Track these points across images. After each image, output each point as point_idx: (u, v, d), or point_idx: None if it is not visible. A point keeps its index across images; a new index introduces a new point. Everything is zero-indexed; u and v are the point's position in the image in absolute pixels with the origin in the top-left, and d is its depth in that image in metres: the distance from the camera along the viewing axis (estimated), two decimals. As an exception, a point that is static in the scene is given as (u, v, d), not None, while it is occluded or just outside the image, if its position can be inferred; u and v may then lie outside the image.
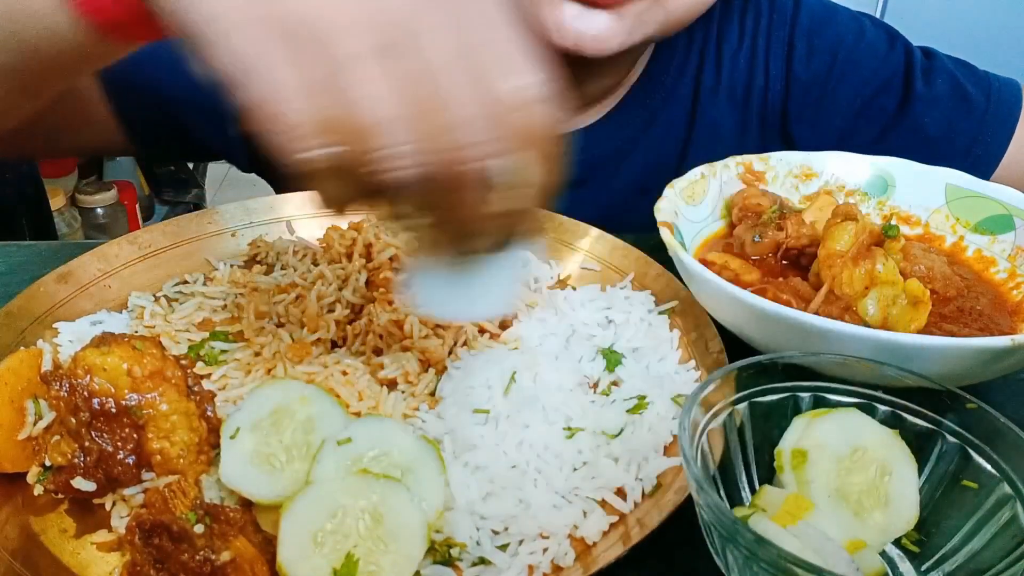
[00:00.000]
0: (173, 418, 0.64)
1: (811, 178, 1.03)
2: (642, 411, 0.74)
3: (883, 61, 1.20)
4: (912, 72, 1.19)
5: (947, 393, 0.61)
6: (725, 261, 0.91)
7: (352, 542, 0.57)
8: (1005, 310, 0.86)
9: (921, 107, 1.18)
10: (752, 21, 1.22)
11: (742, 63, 1.22)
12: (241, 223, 1.02)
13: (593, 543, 0.64)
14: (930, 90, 1.18)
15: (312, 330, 0.81)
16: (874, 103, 1.20)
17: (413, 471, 0.62)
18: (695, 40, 1.23)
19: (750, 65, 1.22)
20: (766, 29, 1.21)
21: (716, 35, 1.22)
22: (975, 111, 1.18)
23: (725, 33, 1.22)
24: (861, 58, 1.20)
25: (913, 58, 1.20)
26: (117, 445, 0.63)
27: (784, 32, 1.21)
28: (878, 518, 0.60)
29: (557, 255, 1.00)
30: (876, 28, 1.23)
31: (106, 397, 0.63)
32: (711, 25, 1.22)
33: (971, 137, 1.18)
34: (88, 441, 0.63)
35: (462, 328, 0.82)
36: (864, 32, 1.22)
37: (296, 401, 0.66)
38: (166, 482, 0.64)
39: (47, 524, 0.65)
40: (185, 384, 0.67)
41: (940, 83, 1.19)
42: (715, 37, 1.22)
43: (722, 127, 1.23)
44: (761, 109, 1.23)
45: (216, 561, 0.56)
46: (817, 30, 1.21)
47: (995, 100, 1.19)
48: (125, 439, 0.63)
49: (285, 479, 0.62)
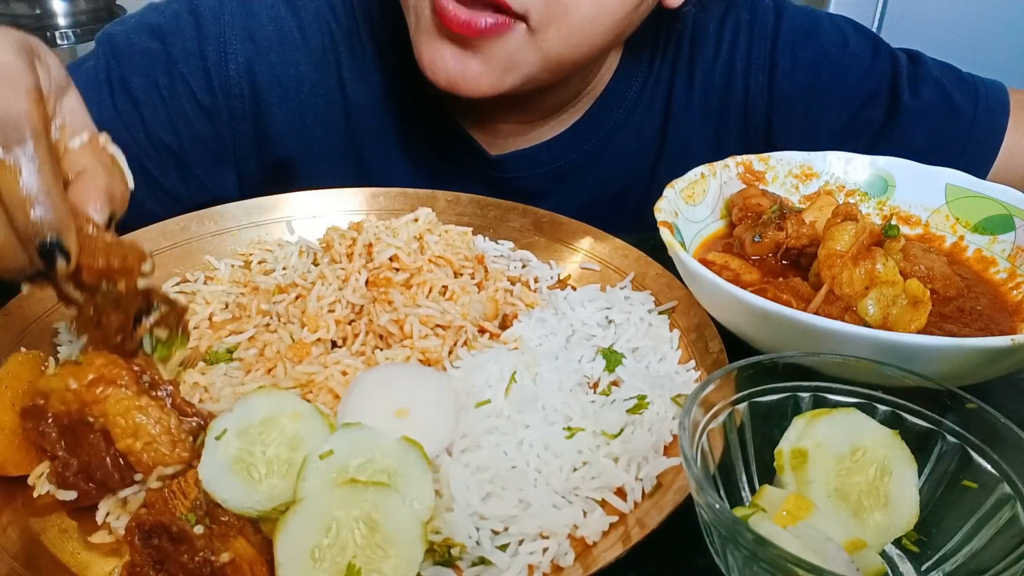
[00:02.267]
0: (134, 416, 0.65)
1: (811, 178, 1.03)
2: (642, 411, 0.74)
3: (868, 71, 1.20)
4: (898, 82, 1.19)
5: (947, 393, 0.61)
6: (725, 261, 0.91)
7: (351, 553, 0.57)
8: (1005, 310, 0.86)
9: (908, 118, 1.18)
10: (731, 33, 1.21)
11: (718, 77, 1.21)
12: (241, 223, 1.02)
13: (593, 543, 0.64)
14: (917, 100, 1.18)
15: (312, 330, 0.81)
16: (860, 115, 1.20)
17: (400, 473, 0.62)
18: (664, 55, 1.22)
19: (727, 79, 1.21)
20: (746, 42, 1.20)
21: (688, 50, 1.21)
22: (963, 119, 1.18)
23: (699, 48, 1.21)
24: (846, 70, 1.20)
25: (899, 67, 1.20)
26: (91, 453, 0.65)
27: (766, 46, 1.20)
28: (878, 518, 0.60)
29: (557, 255, 1.00)
30: (860, 37, 1.23)
31: (60, 414, 0.66)
32: (683, 40, 1.21)
33: (959, 146, 1.18)
34: (62, 453, 0.65)
35: (462, 328, 0.82)
36: (848, 42, 1.21)
37: (288, 415, 0.65)
38: (160, 474, 0.65)
39: (47, 525, 0.66)
40: (136, 382, 0.67)
41: (927, 92, 1.19)
42: (687, 52, 1.21)
43: (696, 141, 1.23)
44: (742, 121, 1.22)
45: (216, 562, 0.56)
46: (801, 43, 1.20)
47: (983, 107, 1.19)
48: (95, 446, 0.65)
49: (261, 492, 0.61)
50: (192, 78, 1.11)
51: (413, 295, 0.83)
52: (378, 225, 0.91)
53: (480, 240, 1.02)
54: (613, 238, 0.99)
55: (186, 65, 1.10)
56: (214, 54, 1.11)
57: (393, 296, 0.82)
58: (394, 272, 0.85)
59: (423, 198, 1.06)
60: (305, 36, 1.15)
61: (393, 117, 1.19)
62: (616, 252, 0.97)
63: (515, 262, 0.99)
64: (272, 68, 1.14)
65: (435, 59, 0.99)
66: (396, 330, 0.80)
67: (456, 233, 0.93)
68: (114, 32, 1.12)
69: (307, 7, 1.15)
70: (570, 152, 1.23)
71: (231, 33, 1.11)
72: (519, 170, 1.21)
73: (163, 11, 1.13)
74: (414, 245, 0.89)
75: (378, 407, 0.69)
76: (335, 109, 1.18)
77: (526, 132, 1.22)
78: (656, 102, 1.23)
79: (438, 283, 0.85)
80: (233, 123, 1.15)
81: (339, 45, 1.16)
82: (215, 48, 1.11)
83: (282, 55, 1.14)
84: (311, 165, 1.17)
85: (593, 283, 0.94)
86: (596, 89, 1.22)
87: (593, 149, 1.24)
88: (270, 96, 1.14)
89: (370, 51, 1.16)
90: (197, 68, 1.11)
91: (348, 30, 1.16)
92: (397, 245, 0.87)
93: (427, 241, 0.90)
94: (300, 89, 1.15)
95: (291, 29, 1.14)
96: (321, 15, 1.15)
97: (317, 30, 1.15)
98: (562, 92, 1.17)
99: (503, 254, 1.00)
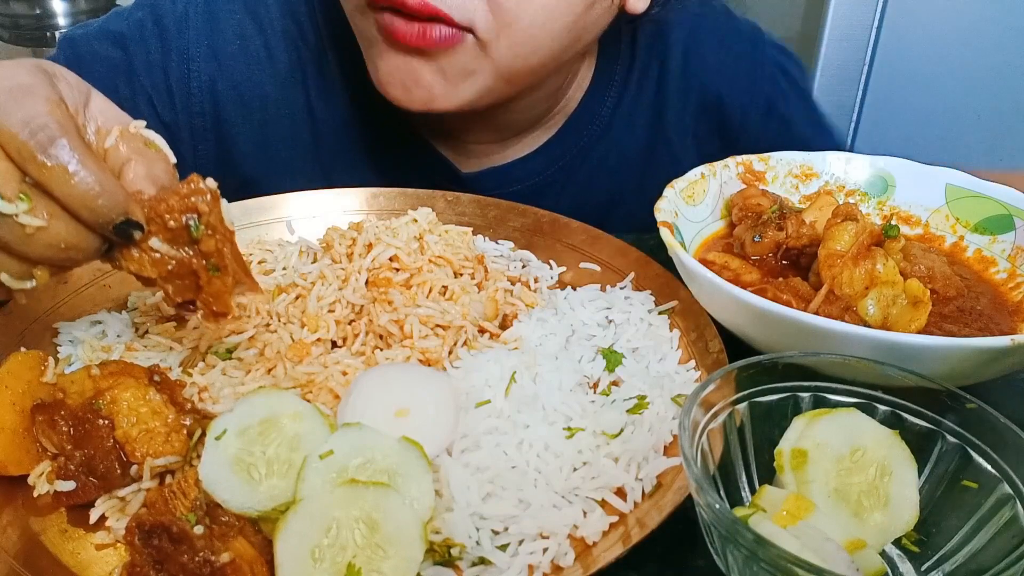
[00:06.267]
0: (138, 407, 0.67)
1: (811, 178, 1.03)
2: (642, 411, 0.74)
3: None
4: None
5: (947, 393, 0.61)
6: (725, 261, 0.91)
7: (351, 553, 0.57)
8: (1005, 310, 0.86)
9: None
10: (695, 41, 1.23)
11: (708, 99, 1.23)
12: (241, 223, 1.02)
13: (593, 543, 0.64)
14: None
15: (312, 330, 0.81)
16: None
17: (400, 473, 0.62)
18: (634, 66, 1.21)
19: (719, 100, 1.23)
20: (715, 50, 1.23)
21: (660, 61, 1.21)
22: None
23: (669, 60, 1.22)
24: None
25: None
26: (96, 444, 0.66)
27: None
28: (878, 518, 0.60)
29: (557, 255, 1.00)
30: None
31: (75, 407, 0.68)
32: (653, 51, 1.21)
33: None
34: (69, 447, 0.66)
35: (462, 328, 0.82)
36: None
37: (288, 415, 0.65)
38: (152, 466, 0.65)
39: (47, 525, 0.66)
40: (148, 378, 0.70)
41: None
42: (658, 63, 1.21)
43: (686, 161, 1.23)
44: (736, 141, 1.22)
45: (216, 562, 0.56)
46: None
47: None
48: (101, 436, 0.66)
49: (261, 492, 0.61)
50: (154, 92, 1.09)
51: (413, 295, 0.83)
52: (378, 225, 0.91)
53: (480, 240, 1.02)
54: (613, 238, 0.99)
55: (148, 78, 1.09)
56: (177, 70, 1.10)
57: (393, 296, 0.82)
58: (394, 272, 0.85)
59: (423, 198, 1.06)
60: (271, 55, 1.13)
61: (362, 136, 1.18)
62: (616, 252, 0.97)
63: (515, 262, 0.99)
64: (236, 87, 1.12)
65: (390, 72, 0.97)
66: (396, 330, 0.80)
67: (456, 233, 0.93)
68: (75, 36, 1.11)
69: (273, 25, 1.13)
70: (545, 167, 1.22)
71: (195, 49, 1.10)
72: (493, 186, 1.18)
73: (126, 18, 1.12)
74: (414, 245, 0.89)
75: (378, 407, 0.69)
76: (302, 129, 1.16)
77: (498, 151, 1.21)
78: (638, 115, 1.22)
79: (438, 283, 0.85)
80: (194, 141, 1.13)
81: (306, 64, 1.14)
82: (178, 64, 1.10)
83: (247, 74, 1.12)
84: (277, 185, 1.12)
85: (593, 283, 0.94)
86: (569, 107, 1.21)
87: (569, 164, 1.22)
88: (233, 115, 1.13)
89: (337, 70, 1.14)
90: (159, 83, 1.10)
91: (315, 49, 1.14)
92: (397, 245, 0.87)
93: (427, 241, 0.90)
94: (265, 109, 1.14)
95: (257, 48, 1.13)
96: (288, 33, 1.13)
97: (284, 49, 1.13)
98: (529, 109, 1.15)
99: (503, 254, 1.00)
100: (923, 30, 2.39)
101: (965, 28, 2.32)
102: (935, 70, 2.41)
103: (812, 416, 0.63)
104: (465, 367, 0.78)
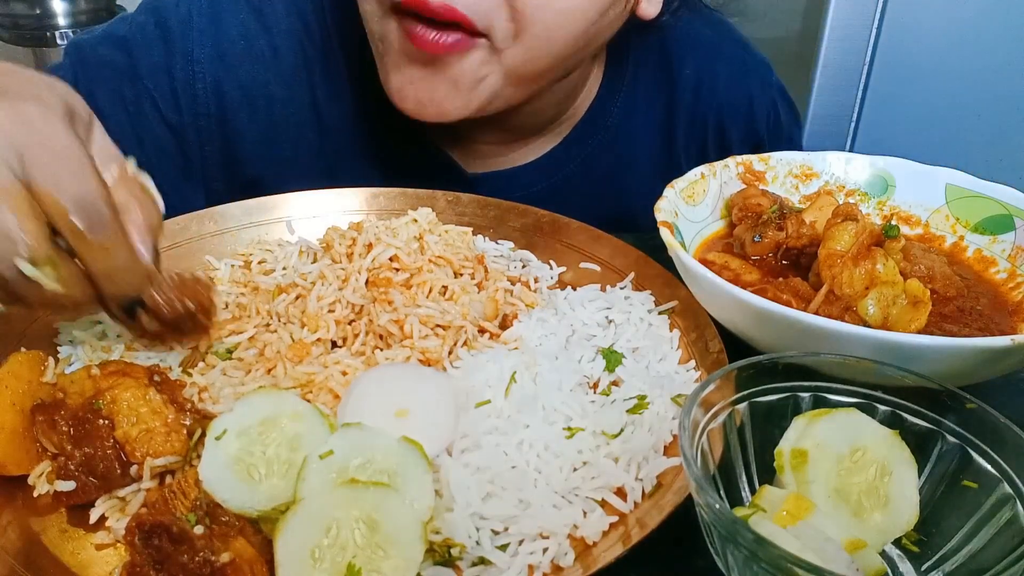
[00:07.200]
0: (138, 407, 0.67)
1: (811, 178, 1.03)
2: (642, 411, 0.74)
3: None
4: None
5: (947, 393, 0.61)
6: (725, 261, 0.91)
7: (351, 553, 0.57)
8: (1005, 310, 0.86)
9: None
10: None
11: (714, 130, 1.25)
12: (241, 223, 1.02)
13: (593, 543, 0.64)
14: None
15: (312, 330, 0.81)
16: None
17: (400, 473, 0.62)
18: (653, 91, 1.22)
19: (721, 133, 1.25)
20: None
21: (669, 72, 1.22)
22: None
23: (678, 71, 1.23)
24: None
25: None
26: (95, 444, 0.66)
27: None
28: (878, 518, 0.60)
29: (557, 255, 1.00)
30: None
31: (75, 407, 0.68)
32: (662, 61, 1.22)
33: None
34: (69, 447, 0.66)
35: (462, 328, 0.82)
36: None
37: (288, 415, 0.66)
38: (152, 465, 0.65)
39: (47, 525, 0.65)
40: (148, 378, 0.70)
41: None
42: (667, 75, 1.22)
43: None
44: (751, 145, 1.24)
45: (216, 562, 0.56)
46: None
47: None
48: (100, 436, 0.67)
49: (261, 492, 0.61)
50: (158, 94, 1.09)
51: (413, 295, 0.83)
52: (378, 225, 0.91)
53: (480, 240, 1.02)
54: (613, 238, 0.99)
55: (152, 81, 1.09)
56: (181, 72, 1.09)
57: (393, 296, 0.82)
58: (394, 272, 0.85)
59: (423, 198, 1.06)
60: (277, 54, 1.12)
61: (368, 136, 1.17)
62: (616, 252, 0.97)
63: (515, 262, 0.99)
64: (242, 87, 1.12)
65: (404, 85, 0.98)
66: (396, 330, 0.80)
67: (456, 233, 0.93)
68: (81, 42, 1.11)
69: (279, 24, 1.13)
70: (551, 175, 1.22)
71: (200, 50, 1.10)
72: (498, 190, 1.18)
73: (130, 22, 1.12)
74: (414, 245, 0.89)
75: (378, 407, 0.69)
76: (308, 129, 1.16)
77: (505, 153, 1.21)
78: (646, 131, 1.23)
79: (438, 283, 0.85)
80: (200, 142, 1.13)
81: (312, 64, 1.14)
82: (183, 66, 1.09)
83: (252, 74, 1.12)
84: (282, 185, 1.12)
85: (593, 283, 0.94)
86: (577, 113, 1.21)
87: (574, 173, 1.22)
88: (239, 115, 1.13)
89: (344, 70, 1.14)
90: (164, 85, 1.09)
91: (322, 48, 1.14)
92: (397, 245, 0.87)
93: (427, 241, 0.90)
94: (271, 109, 1.13)
95: (262, 47, 1.12)
96: (294, 33, 1.13)
97: (290, 49, 1.13)
98: (538, 112, 1.15)
99: (503, 254, 1.00)
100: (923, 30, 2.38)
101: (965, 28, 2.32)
102: (935, 70, 2.40)
103: (812, 416, 0.63)
104: (465, 367, 0.78)
